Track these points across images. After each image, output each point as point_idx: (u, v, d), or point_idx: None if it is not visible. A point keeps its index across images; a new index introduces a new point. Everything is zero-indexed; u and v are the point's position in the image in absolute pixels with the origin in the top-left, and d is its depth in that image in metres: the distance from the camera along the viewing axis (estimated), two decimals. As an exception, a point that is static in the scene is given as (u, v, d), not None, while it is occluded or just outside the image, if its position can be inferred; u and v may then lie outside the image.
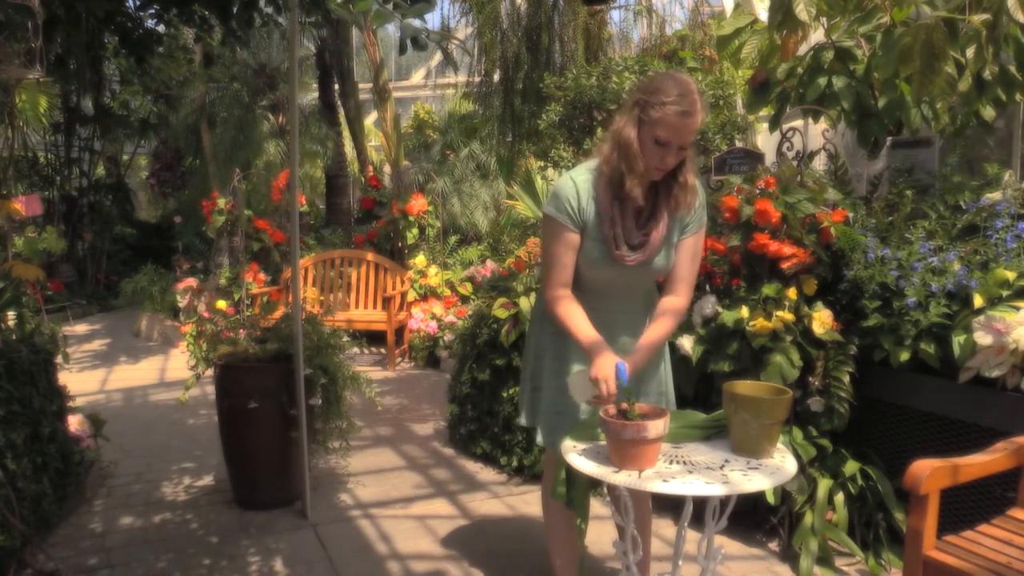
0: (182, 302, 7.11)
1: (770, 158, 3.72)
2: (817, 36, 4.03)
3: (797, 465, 1.92)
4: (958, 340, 2.56)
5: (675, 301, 2.16)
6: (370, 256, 7.14)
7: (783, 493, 2.85)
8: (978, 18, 2.78)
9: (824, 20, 3.78)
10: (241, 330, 3.56)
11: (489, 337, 3.84)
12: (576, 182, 2.08)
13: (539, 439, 2.26)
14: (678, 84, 1.94)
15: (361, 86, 10.20)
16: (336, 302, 6.94)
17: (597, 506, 3.26)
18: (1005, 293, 2.54)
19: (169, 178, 10.01)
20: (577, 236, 2.07)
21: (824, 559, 2.73)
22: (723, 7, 7.37)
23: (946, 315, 2.62)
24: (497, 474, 3.77)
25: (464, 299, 6.55)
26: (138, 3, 2.90)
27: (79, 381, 5.29)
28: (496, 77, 7.51)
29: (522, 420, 2.33)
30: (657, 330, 2.13)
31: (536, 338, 2.29)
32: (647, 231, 2.08)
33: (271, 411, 3.24)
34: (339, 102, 9.73)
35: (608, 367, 1.93)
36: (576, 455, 1.91)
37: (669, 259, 2.15)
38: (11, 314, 3.19)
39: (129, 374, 6.03)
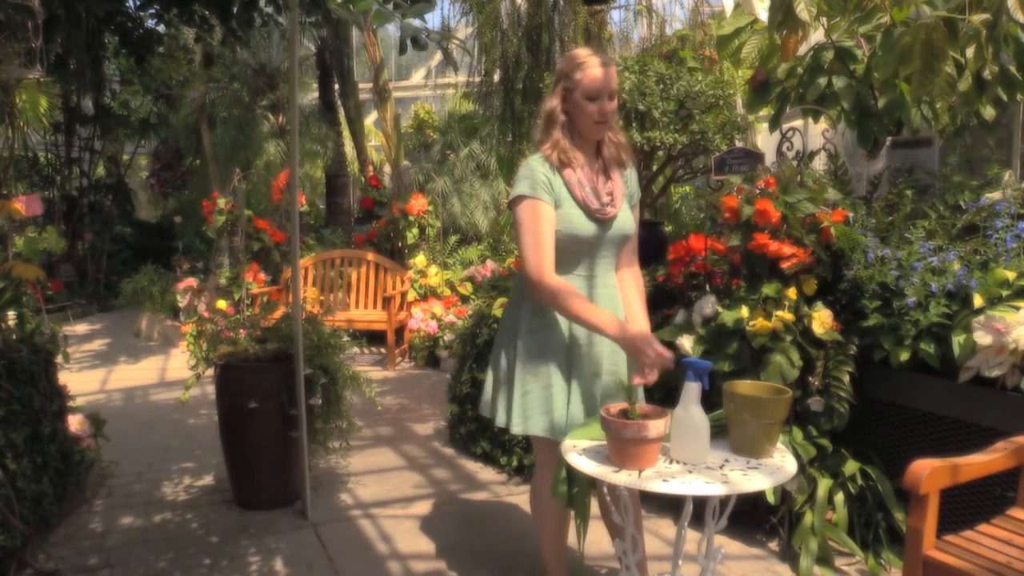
0: (182, 302, 7.11)
1: (770, 158, 3.72)
2: (817, 36, 4.03)
3: (797, 465, 1.92)
4: (958, 340, 2.56)
5: (637, 273, 2.38)
6: (370, 256, 7.14)
7: (783, 493, 2.85)
8: (978, 18, 2.78)
9: (824, 20, 3.78)
10: (241, 330, 3.56)
11: (489, 337, 3.84)
12: (538, 161, 2.21)
13: (539, 432, 2.22)
14: (584, 49, 2.21)
15: (361, 86, 10.20)
16: (336, 302, 6.94)
17: (597, 506, 3.26)
18: (1005, 293, 2.54)
19: (169, 178, 10.02)
20: (554, 210, 2.18)
21: (824, 559, 2.73)
22: (723, 7, 7.37)
23: (946, 315, 2.62)
24: (497, 474, 3.77)
25: (464, 299, 6.55)
26: (138, 3, 2.90)
27: (79, 381, 5.29)
28: (496, 77, 7.50)
29: (515, 427, 2.25)
30: (640, 299, 2.34)
31: (526, 337, 2.25)
32: (608, 190, 2.25)
33: (271, 411, 3.24)
34: (339, 102, 9.72)
35: (654, 342, 2.03)
36: (576, 455, 1.91)
37: (630, 220, 2.30)
38: (11, 314, 3.19)
39: (129, 374, 6.03)
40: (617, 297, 2.32)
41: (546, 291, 2.12)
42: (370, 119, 11.75)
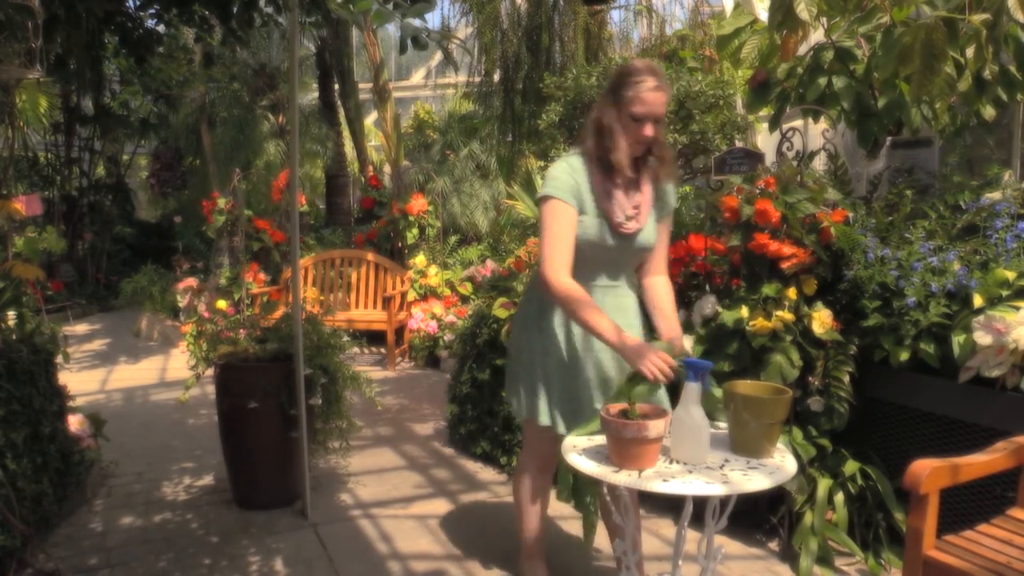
0: (182, 302, 7.11)
1: (770, 158, 3.72)
2: (817, 36, 4.03)
3: (797, 465, 1.92)
4: (958, 340, 2.56)
5: (666, 283, 2.40)
6: (370, 256, 7.13)
7: (783, 493, 2.84)
8: (978, 18, 2.78)
9: (824, 20, 3.78)
10: (241, 330, 3.56)
11: (489, 337, 3.84)
12: (570, 164, 2.25)
13: (561, 429, 2.29)
14: (645, 65, 2.19)
15: (361, 86, 10.19)
16: (336, 302, 6.94)
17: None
18: (1005, 293, 2.54)
19: (169, 178, 10.01)
20: (576, 214, 2.20)
21: (824, 559, 2.73)
22: (723, 7, 7.37)
23: (946, 315, 2.62)
24: (497, 474, 3.77)
25: (464, 299, 6.55)
26: (138, 3, 2.90)
27: (79, 381, 5.29)
28: (496, 77, 7.50)
29: (541, 419, 2.32)
30: (670, 303, 2.34)
31: (537, 331, 2.33)
32: (636, 203, 2.26)
33: (271, 411, 3.24)
34: (339, 102, 9.72)
35: (653, 353, 1.99)
36: (576, 455, 1.91)
37: (653, 234, 2.32)
38: (11, 314, 3.19)
39: (129, 374, 6.03)
40: (634, 307, 2.36)
41: (558, 292, 2.14)
42: (370, 119, 11.75)
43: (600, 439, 1.99)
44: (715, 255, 3.25)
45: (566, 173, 2.21)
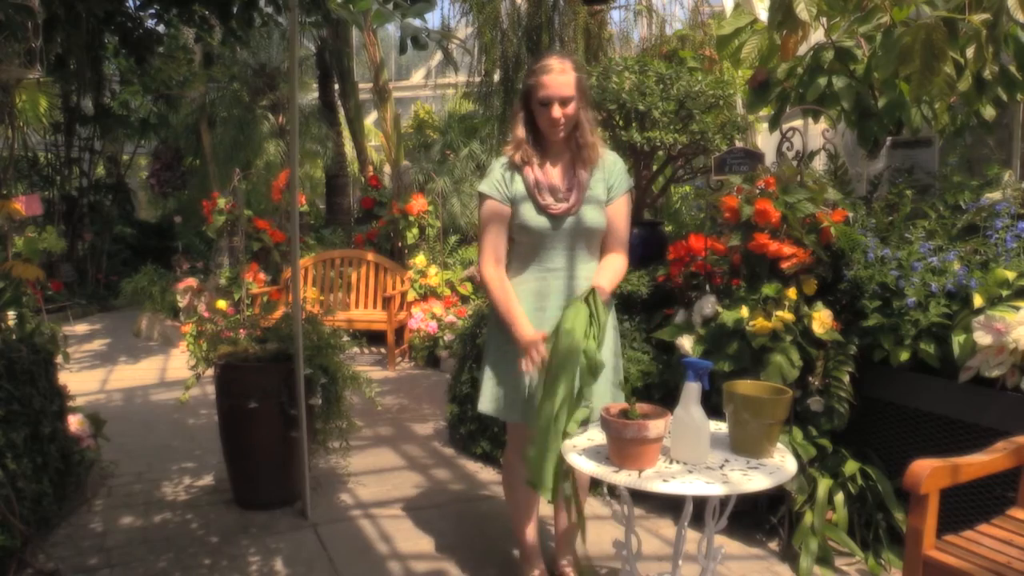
0: (182, 302, 7.11)
1: (770, 158, 3.72)
2: (817, 36, 4.03)
3: (797, 465, 1.93)
4: (958, 340, 2.56)
5: (616, 258, 2.41)
6: (370, 256, 7.14)
7: (783, 493, 2.84)
8: (978, 18, 2.78)
9: (824, 20, 3.78)
10: (241, 330, 3.56)
11: (489, 337, 3.84)
12: (501, 160, 2.40)
13: (514, 419, 2.41)
14: (551, 55, 2.30)
15: (361, 86, 10.20)
16: (336, 302, 6.94)
17: (597, 506, 3.26)
18: (1005, 293, 2.54)
19: (169, 178, 10.01)
20: (506, 208, 2.35)
21: (824, 559, 2.73)
22: (723, 7, 7.37)
23: (946, 315, 2.62)
24: (497, 474, 3.77)
25: (464, 299, 6.55)
26: (138, 3, 2.90)
27: (79, 381, 5.29)
28: (496, 77, 7.50)
29: (484, 408, 2.46)
30: (610, 271, 2.37)
31: (496, 327, 2.46)
32: (570, 187, 2.34)
33: (271, 411, 3.24)
34: (339, 102, 9.72)
35: (533, 347, 2.21)
36: (576, 455, 1.91)
37: (600, 217, 2.36)
38: (11, 314, 3.19)
39: (129, 374, 6.03)
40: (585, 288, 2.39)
41: (484, 282, 2.38)
42: (370, 119, 11.75)
43: (599, 438, 1.99)
44: (715, 255, 3.25)
45: (498, 167, 2.37)
